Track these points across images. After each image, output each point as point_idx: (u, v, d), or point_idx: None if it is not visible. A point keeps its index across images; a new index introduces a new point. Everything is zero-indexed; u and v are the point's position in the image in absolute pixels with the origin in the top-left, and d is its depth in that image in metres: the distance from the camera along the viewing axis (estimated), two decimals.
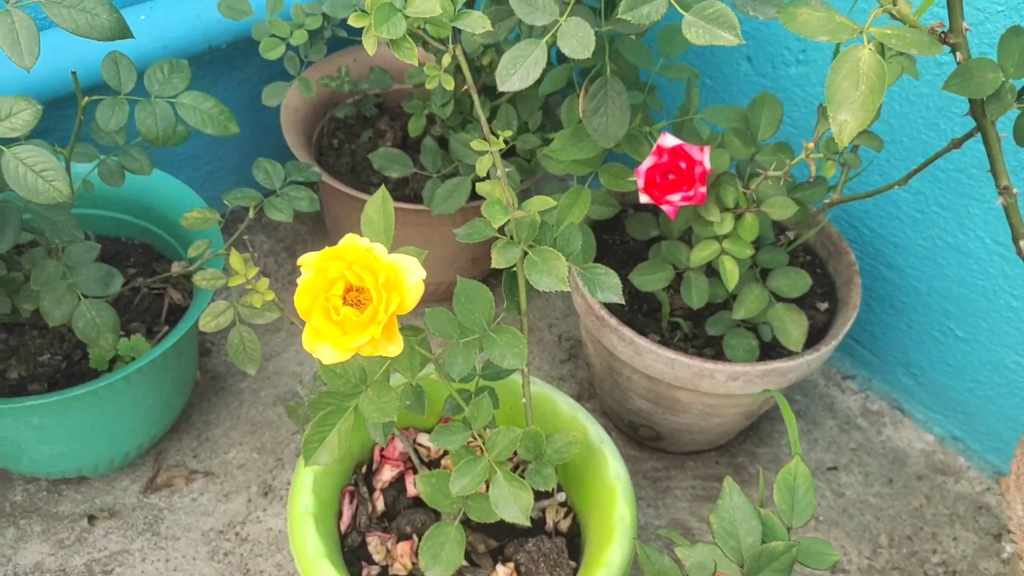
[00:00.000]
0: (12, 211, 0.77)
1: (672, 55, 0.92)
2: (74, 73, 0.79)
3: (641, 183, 0.81)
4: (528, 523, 0.72)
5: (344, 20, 1.08)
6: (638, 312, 1.03)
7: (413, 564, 0.83)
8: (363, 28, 0.66)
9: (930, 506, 1.12)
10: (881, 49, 0.59)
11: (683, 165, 0.80)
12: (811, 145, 0.73)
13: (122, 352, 0.98)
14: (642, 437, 1.13)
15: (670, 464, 1.14)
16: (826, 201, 0.88)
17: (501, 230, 0.69)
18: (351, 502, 0.88)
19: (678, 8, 0.62)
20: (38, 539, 1.02)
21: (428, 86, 0.71)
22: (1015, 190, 0.69)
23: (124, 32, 0.65)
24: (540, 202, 0.69)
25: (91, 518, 1.04)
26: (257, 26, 1.06)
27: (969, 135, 0.75)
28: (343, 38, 1.11)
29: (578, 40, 0.67)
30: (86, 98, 0.79)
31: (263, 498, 1.07)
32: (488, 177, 0.72)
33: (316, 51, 1.08)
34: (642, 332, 0.97)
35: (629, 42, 0.89)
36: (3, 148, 0.65)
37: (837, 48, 0.92)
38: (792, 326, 0.91)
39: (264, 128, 1.28)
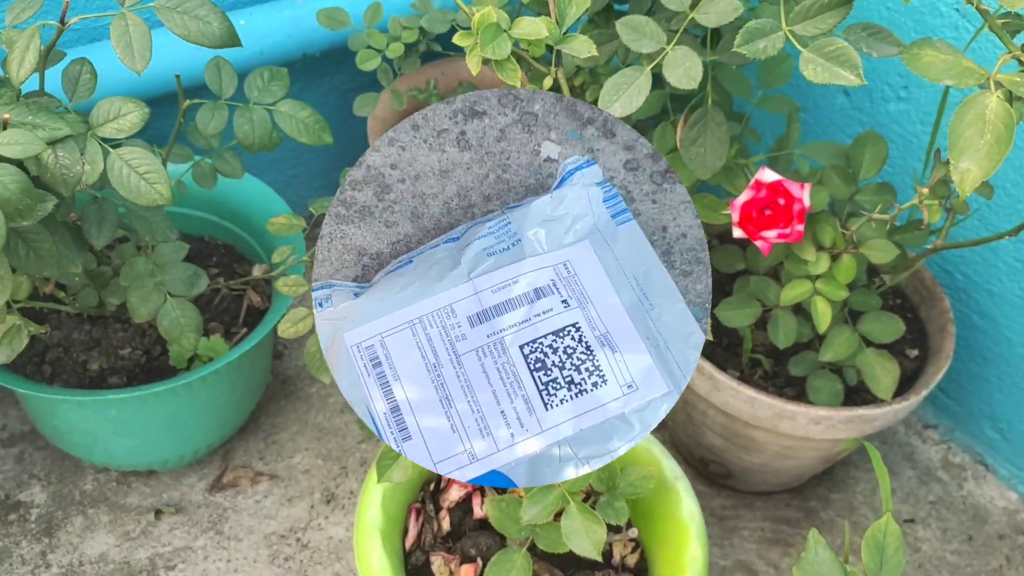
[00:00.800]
0: (110, 208, 0.78)
1: (773, 87, 0.90)
2: (178, 77, 0.80)
3: (736, 217, 0.79)
4: (600, 558, 0.70)
5: (439, 34, 1.08)
6: (717, 346, 1.00)
7: None
8: (465, 47, 0.65)
9: (1011, 568, 1.07)
10: (1009, 97, 0.56)
11: (781, 201, 0.78)
12: (926, 191, 0.70)
13: (200, 351, 0.99)
14: (712, 473, 1.11)
15: (739, 503, 1.11)
16: (928, 247, 0.85)
17: None
18: (417, 519, 0.87)
19: (796, 44, 0.60)
20: (104, 529, 1.03)
21: None
22: None
23: (234, 40, 0.65)
24: None
25: (157, 512, 1.05)
26: (354, 37, 1.07)
27: None
28: (436, 52, 1.11)
29: (684, 70, 0.65)
30: (187, 101, 0.80)
31: (326, 505, 1.07)
32: None
33: (410, 64, 1.08)
34: (721, 367, 0.95)
35: (729, 71, 0.87)
36: (109, 149, 0.66)
37: (947, 88, 0.89)
38: (883, 373, 0.88)
39: (348, 136, 1.29)
